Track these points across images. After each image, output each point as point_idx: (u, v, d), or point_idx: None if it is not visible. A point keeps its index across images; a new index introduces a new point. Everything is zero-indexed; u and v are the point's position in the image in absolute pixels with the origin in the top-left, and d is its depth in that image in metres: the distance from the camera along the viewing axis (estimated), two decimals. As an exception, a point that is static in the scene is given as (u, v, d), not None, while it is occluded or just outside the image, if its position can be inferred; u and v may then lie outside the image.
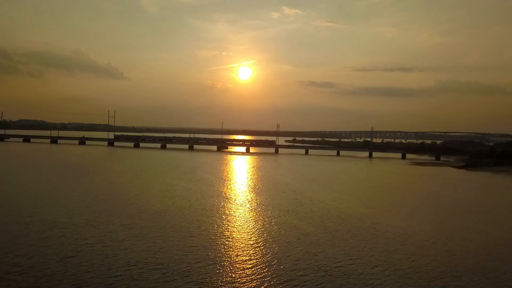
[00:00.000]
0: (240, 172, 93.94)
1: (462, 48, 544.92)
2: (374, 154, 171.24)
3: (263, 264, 27.54)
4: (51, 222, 36.01)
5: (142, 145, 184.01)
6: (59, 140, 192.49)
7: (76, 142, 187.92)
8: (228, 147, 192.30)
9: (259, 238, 34.28)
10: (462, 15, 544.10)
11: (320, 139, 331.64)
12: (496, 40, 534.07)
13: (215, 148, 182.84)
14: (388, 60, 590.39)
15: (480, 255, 31.97)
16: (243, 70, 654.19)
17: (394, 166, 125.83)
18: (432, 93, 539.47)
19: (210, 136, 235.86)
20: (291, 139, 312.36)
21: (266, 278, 25.03)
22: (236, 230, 36.73)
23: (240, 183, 71.19)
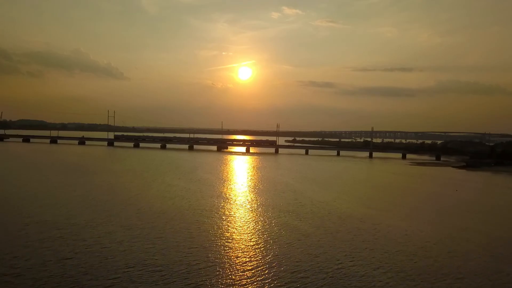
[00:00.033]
0: (240, 172, 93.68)
1: (462, 48, 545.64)
2: (374, 154, 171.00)
3: (263, 266, 27.25)
4: (50, 223, 35.78)
5: (142, 145, 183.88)
6: (59, 140, 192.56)
7: (76, 142, 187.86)
8: (228, 147, 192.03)
9: (260, 239, 34.02)
10: (462, 15, 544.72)
11: (320, 139, 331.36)
12: (496, 40, 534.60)
13: (215, 148, 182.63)
14: (388, 60, 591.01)
15: (482, 256, 31.73)
16: (243, 70, 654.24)
17: (394, 166, 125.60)
18: (432, 93, 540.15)
19: (210, 136, 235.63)
20: (291, 139, 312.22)
21: (267, 280, 24.75)
22: (236, 231, 36.46)
23: (240, 184, 70.95)
